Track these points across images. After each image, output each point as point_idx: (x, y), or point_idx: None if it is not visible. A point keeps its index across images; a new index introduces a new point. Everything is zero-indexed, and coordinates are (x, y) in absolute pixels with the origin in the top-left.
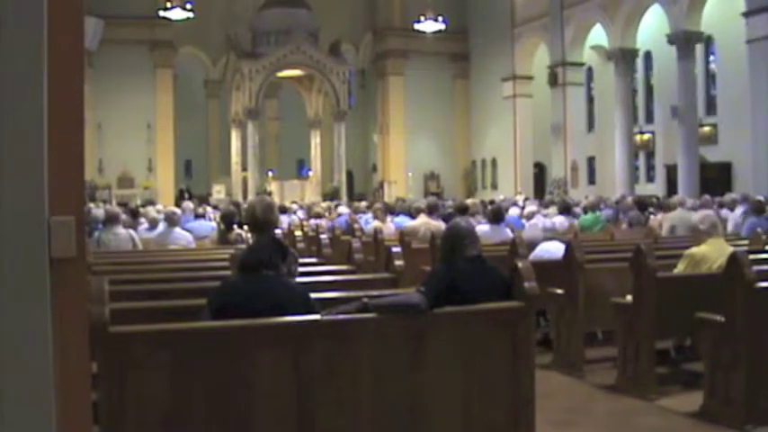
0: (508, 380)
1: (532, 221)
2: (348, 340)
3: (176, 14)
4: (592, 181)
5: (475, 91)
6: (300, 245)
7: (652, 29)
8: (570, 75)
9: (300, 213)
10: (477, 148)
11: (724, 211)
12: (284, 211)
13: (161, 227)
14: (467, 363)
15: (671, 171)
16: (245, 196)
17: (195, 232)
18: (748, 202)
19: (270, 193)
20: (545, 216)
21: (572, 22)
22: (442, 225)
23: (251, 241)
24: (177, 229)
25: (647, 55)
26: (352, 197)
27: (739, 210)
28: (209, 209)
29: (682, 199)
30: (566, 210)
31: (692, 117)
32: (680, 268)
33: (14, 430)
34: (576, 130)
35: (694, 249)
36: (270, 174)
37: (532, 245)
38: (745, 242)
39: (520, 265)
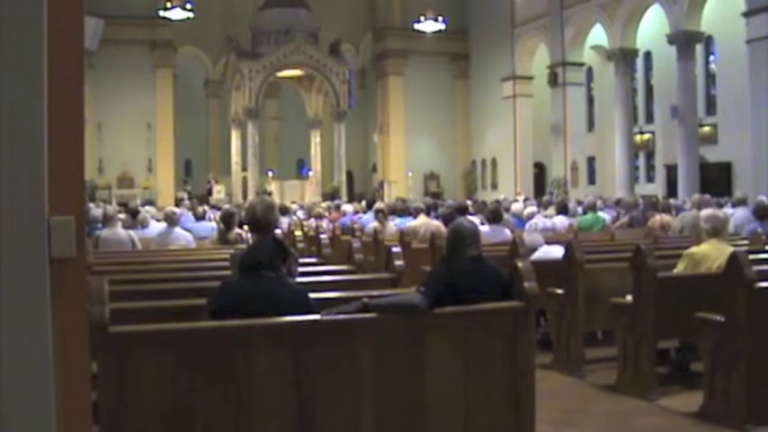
0: (508, 380)
1: (532, 221)
2: (348, 340)
3: (176, 14)
4: (592, 181)
5: (475, 91)
6: (300, 245)
7: (652, 29)
8: (570, 75)
9: (300, 213)
10: (477, 148)
11: (724, 211)
12: (284, 211)
13: (161, 227)
14: (467, 363)
15: (671, 171)
16: (245, 196)
17: (195, 232)
18: (750, 204)
19: (270, 193)
20: (545, 217)
21: (572, 22)
22: (441, 225)
23: (251, 241)
24: (177, 229)
25: (647, 55)
26: (353, 197)
27: (741, 211)
28: (208, 209)
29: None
30: (564, 210)
31: (692, 117)
32: (680, 268)
33: (14, 430)
34: (576, 130)
35: (694, 249)
36: (270, 174)
37: (533, 249)
38: (745, 242)
39: (520, 265)
